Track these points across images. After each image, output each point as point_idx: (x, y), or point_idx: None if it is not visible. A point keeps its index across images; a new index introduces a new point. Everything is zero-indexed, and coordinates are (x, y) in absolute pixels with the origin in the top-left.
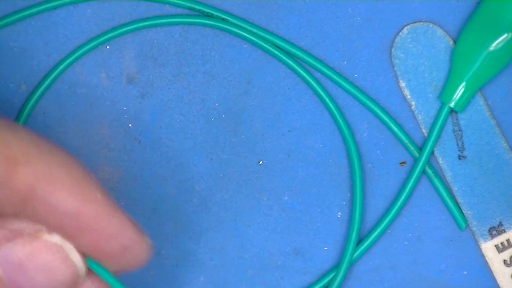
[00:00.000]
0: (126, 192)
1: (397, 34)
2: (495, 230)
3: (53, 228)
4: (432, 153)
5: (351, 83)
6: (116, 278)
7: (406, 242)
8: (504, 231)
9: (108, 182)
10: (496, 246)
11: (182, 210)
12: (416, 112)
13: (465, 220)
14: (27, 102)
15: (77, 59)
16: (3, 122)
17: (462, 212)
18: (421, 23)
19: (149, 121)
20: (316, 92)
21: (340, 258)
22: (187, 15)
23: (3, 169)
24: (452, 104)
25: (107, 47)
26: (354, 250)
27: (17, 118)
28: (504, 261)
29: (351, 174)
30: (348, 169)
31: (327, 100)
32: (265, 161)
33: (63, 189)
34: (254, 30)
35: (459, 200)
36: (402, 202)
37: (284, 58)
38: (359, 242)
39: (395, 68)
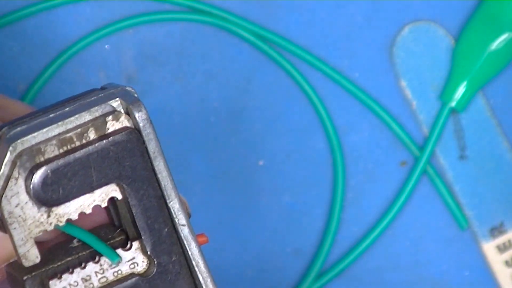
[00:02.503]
0: None
1: (398, 33)
2: (496, 230)
3: None
4: (433, 153)
5: (351, 83)
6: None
7: (407, 243)
8: (505, 231)
9: None
10: (498, 247)
11: None
12: (417, 111)
13: (466, 221)
14: (24, 101)
15: (74, 54)
16: None
17: (463, 212)
18: (422, 22)
19: None
20: (307, 95)
21: (340, 258)
22: (186, 12)
23: None
24: (453, 104)
25: (106, 46)
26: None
27: None
28: (506, 262)
29: (333, 179)
30: (348, 170)
31: (318, 104)
32: (265, 161)
33: None
34: (254, 29)
35: (460, 200)
36: (403, 202)
37: (279, 60)
38: (359, 242)
39: (396, 68)
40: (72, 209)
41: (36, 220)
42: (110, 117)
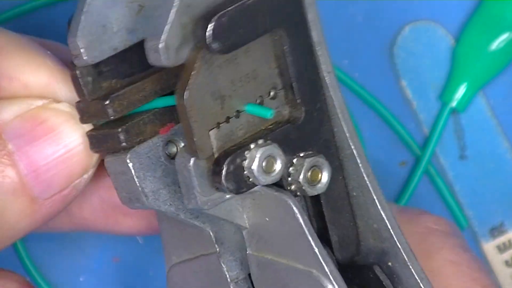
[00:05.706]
0: None
1: (399, 33)
2: (496, 230)
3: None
4: (433, 153)
5: (354, 81)
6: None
7: None
8: (505, 231)
9: None
10: (498, 247)
11: None
12: (417, 111)
13: (466, 220)
14: None
15: None
16: None
17: (463, 212)
18: (422, 22)
19: None
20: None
21: None
22: None
23: None
24: (453, 104)
25: None
26: None
27: None
28: (506, 262)
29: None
30: None
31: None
32: None
33: (14, 59)
34: None
35: (461, 200)
36: (405, 202)
37: None
38: None
39: (396, 68)
40: (239, 103)
41: (212, 113)
42: None
